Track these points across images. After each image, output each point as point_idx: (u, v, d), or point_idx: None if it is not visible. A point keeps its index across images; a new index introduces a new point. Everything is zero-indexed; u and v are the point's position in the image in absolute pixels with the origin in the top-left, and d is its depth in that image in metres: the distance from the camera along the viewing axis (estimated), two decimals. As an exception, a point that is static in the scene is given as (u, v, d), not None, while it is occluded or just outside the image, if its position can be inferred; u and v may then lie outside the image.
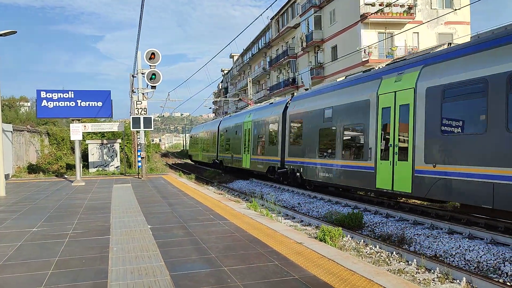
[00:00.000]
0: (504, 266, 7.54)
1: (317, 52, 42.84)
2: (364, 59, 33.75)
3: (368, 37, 34.02)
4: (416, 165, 11.32)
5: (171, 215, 10.33)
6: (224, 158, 31.63)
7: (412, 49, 31.38)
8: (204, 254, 6.58)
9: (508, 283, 6.97)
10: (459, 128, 10.16)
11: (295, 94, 21.81)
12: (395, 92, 12.36)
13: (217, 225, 8.99)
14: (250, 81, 44.73)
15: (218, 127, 34.13)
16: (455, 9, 27.46)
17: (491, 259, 7.92)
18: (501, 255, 7.95)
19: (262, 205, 14.57)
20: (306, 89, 21.17)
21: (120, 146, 28.19)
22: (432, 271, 7.73)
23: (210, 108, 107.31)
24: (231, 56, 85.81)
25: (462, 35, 33.53)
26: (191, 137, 51.10)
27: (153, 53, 20.09)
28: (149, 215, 10.36)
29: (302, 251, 6.64)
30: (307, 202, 16.16)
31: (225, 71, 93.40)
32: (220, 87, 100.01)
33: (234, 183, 25.41)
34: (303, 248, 6.82)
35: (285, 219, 13.46)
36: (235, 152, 28.27)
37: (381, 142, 12.87)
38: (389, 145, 12.43)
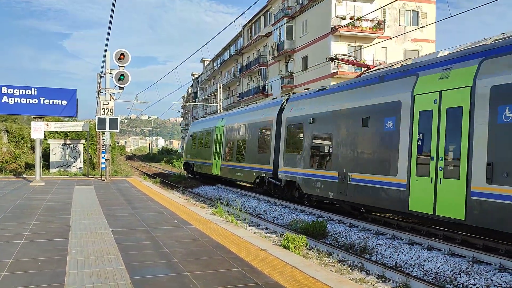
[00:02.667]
0: (460, 277, 7.78)
1: (288, 62, 43.28)
2: (333, 71, 34.34)
3: (338, 49, 34.65)
4: None
5: (134, 219, 10.11)
6: (312, 181, 14.87)
7: (380, 63, 32.19)
8: (167, 258, 6.46)
9: (463, 294, 7.19)
10: None
11: None
12: None
13: (181, 230, 8.86)
14: (220, 87, 44.67)
15: (280, 116, 17.79)
16: (421, 27, 28.44)
17: (448, 270, 8.16)
18: (458, 266, 8.20)
19: (228, 212, 14.50)
20: None
21: (84, 147, 27.45)
22: (392, 280, 7.87)
23: (179, 112, 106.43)
24: (202, 61, 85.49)
25: (427, 52, 34.69)
26: (191, 136, 31.19)
27: (122, 54, 19.75)
28: (112, 218, 10.11)
29: (266, 258, 6.63)
30: (273, 210, 16.20)
31: (195, 76, 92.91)
32: (190, 92, 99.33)
33: (200, 189, 25.20)
34: (267, 255, 6.82)
35: (250, 226, 13.43)
36: (375, 170, 11.87)
37: None
38: None
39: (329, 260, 9.31)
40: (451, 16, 12.69)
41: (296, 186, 16.12)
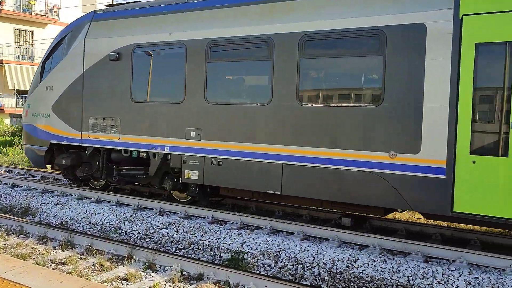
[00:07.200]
0: (124, 225, 7.99)
1: None
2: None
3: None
4: None
5: None
6: None
7: (53, 7, 29.46)
8: None
9: (126, 240, 7.42)
10: None
11: None
12: None
13: None
14: None
15: None
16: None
17: (113, 220, 8.25)
18: (123, 215, 8.40)
19: None
20: None
21: None
22: (55, 239, 7.36)
23: None
24: None
25: None
26: (137, 60, 9.18)
27: None
28: None
29: None
30: None
31: None
32: None
33: None
34: None
35: None
36: None
37: None
38: None
39: (-20, 229, 7.89)
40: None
41: None
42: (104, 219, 8.39)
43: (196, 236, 7.23)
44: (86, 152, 9.88)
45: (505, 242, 6.96)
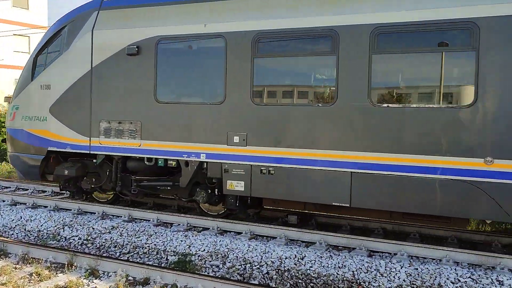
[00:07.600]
0: (63, 231, 7.60)
1: None
2: None
3: None
4: None
5: None
6: None
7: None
8: None
9: (66, 247, 7.06)
10: None
11: None
12: None
13: None
14: None
15: None
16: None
17: (52, 226, 7.82)
18: (62, 220, 7.99)
19: None
20: None
21: None
22: (-14, 249, 6.85)
23: None
24: None
25: None
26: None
27: None
28: None
29: None
30: None
31: None
32: None
33: None
34: None
35: None
36: None
37: None
38: None
39: None
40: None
41: None
42: (41, 225, 7.93)
43: (141, 240, 7.01)
44: (95, 160, 8.50)
45: (441, 234, 7.36)
